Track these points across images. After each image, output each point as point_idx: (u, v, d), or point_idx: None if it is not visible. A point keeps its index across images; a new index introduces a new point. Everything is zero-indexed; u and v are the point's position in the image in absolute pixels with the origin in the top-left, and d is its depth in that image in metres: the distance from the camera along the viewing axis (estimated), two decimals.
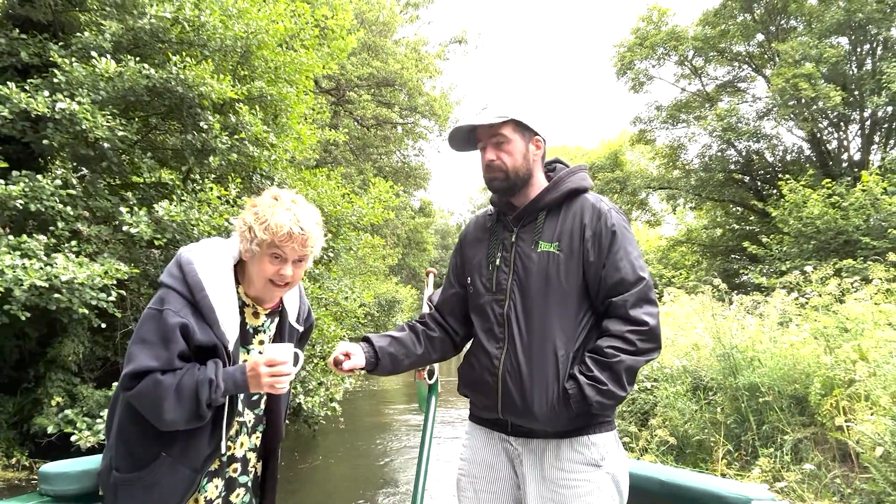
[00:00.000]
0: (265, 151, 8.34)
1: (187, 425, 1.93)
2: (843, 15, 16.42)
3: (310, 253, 2.10)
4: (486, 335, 2.15)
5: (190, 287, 1.97)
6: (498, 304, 2.12)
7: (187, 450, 1.97)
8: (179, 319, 1.92)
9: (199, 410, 1.90)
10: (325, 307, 9.57)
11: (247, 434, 2.16)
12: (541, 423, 2.02)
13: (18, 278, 5.93)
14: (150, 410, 1.90)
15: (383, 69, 22.43)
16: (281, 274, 2.03)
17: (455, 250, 2.42)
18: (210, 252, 2.07)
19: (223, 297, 2.01)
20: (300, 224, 2.01)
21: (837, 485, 5.07)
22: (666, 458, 6.76)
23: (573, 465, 2.02)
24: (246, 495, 2.20)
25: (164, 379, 1.88)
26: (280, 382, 1.96)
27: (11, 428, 7.59)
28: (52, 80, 6.95)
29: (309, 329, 2.42)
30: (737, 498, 2.07)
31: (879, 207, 12.47)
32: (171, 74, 7.16)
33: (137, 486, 1.96)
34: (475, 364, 2.17)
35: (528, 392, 2.01)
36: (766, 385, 6.21)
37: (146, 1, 7.32)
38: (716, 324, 7.20)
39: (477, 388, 2.17)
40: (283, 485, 6.64)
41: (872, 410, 4.84)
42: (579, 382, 1.95)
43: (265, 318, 2.18)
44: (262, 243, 2.01)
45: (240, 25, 7.87)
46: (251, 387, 1.96)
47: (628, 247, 2.07)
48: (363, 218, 9.96)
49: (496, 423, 2.17)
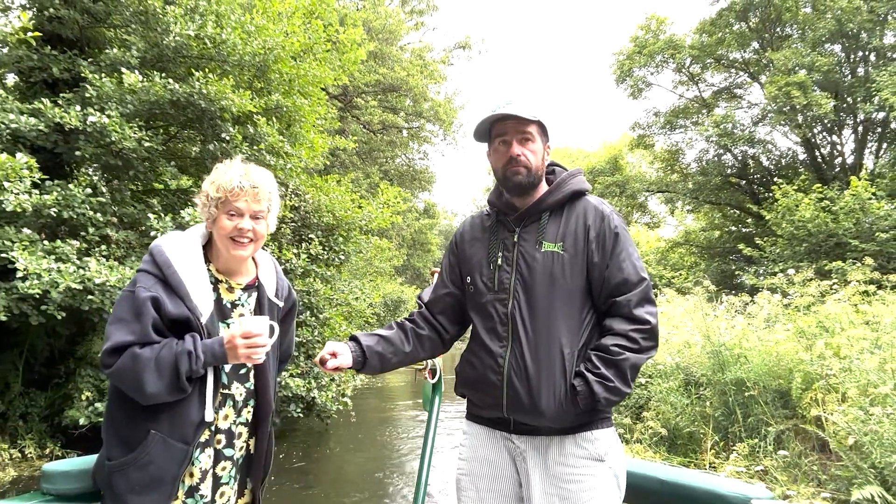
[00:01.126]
0: (280, 160, 8.71)
1: (170, 397, 1.95)
2: (835, 25, 16.71)
3: (265, 208, 2.15)
4: (488, 334, 2.13)
5: (159, 265, 2.04)
6: (501, 303, 2.12)
7: (175, 423, 1.99)
8: (150, 293, 1.97)
9: (179, 383, 1.92)
10: (336, 307, 9.94)
11: (233, 407, 2.15)
12: (547, 420, 2.02)
13: (54, 281, 6.29)
14: (132, 385, 1.92)
15: (389, 75, 22.81)
16: (239, 228, 2.08)
17: (449, 250, 2.40)
18: (177, 236, 2.15)
19: (192, 272, 2.06)
20: (250, 178, 2.09)
21: (815, 471, 5.42)
22: (658, 449, 7.11)
23: (577, 461, 2.04)
24: (232, 469, 2.18)
25: (141, 353, 1.91)
26: (256, 353, 1.99)
27: (43, 421, 7.97)
28: (84, 95, 7.32)
29: (292, 306, 2.45)
30: (736, 497, 2.07)
31: (868, 211, 12.76)
32: (193, 89, 7.53)
33: (132, 468, 1.97)
34: (476, 363, 2.16)
35: (535, 390, 2.01)
36: (751, 380, 6.55)
37: (171, 19, 7.70)
38: (705, 323, 7.54)
39: (479, 386, 2.16)
40: (298, 473, 7.00)
41: (842, 402, 5.19)
42: (587, 379, 1.97)
43: (241, 293, 2.22)
44: (216, 203, 2.09)
45: (258, 41, 8.24)
46: (229, 358, 1.99)
47: (629, 248, 2.11)
48: (372, 222, 10.34)
49: (498, 422, 2.16)
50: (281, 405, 8.81)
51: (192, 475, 2.06)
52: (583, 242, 2.08)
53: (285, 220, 9.33)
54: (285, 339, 2.42)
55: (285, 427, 9.79)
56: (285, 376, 8.47)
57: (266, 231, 2.17)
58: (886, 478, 4.49)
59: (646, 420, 7.41)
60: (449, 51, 29.82)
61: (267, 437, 2.27)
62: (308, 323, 9.27)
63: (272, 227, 2.23)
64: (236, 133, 7.98)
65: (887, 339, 5.42)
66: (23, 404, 7.92)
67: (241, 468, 2.22)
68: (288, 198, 9.52)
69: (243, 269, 2.24)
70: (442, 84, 28.02)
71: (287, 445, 9.14)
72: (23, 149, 7.00)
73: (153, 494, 1.97)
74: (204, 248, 2.18)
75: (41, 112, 7.03)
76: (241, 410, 2.18)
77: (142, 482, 1.96)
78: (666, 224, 31.46)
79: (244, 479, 2.26)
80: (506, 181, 2.15)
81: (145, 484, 1.97)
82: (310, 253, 9.36)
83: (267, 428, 2.25)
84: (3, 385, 7.89)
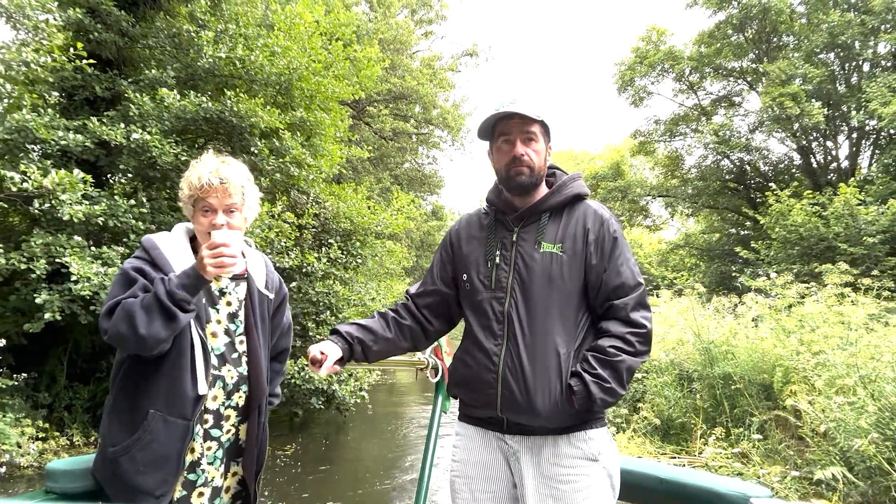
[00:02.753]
0: (303, 171, 9.24)
1: (166, 332, 1.94)
2: (828, 38, 17.13)
3: (238, 201, 2.15)
4: (483, 332, 2.10)
5: (146, 249, 2.12)
6: (497, 301, 2.09)
7: (172, 399, 2.02)
8: (134, 265, 2.07)
9: (168, 312, 1.93)
10: (353, 307, 10.46)
11: (222, 389, 2.16)
12: (542, 420, 2.00)
13: (102, 283, 6.83)
14: (128, 334, 1.92)
15: (400, 84, 23.35)
16: (213, 224, 2.09)
17: (442, 247, 2.36)
18: (164, 232, 2.23)
19: (177, 254, 2.13)
20: (219, 174, 2.09)
21: (792, 456, 5.90)
22: (653, 438, 7.60)
23: (571, 461, 2.02)
24: (218, 450, 2.18)
25: (127, 300, 1.96)
26: (223, 263, 1.97)
27: (86, 412, 8.52)
28: (127, 113, 7.86)
29: (283, 299, 2.48)
30: (735, 495, 2.06)
31: (856, 216, 13.17)
32: (225, 107, 8.07)
33: (135, 450, 1.99)
34: (470, 361, 2.12)
35: (531, 389, 1.98)
36: (737, 374, 7.04)
37: (204, 42, 8.24)
38: (696, 322, 8.03)
39: (473, 385, 2.12)
40: (320, 460, 7.53)
41: (811, 393, 5.68)
42: (584, 380, 1.95)
43: (228, 282, 2.24)
44: (191, 200, 2.13)
45: (283, 62, 8.78)
46: (201, 272, 1.98)
47: (627, 253, 2.11)
48: (387, 227, 10.87)
49: (491, 422, 2.12)
50: (303, 398, 9.36)
51: (193, 450, 2.10)
52: (582, 245, 2.08)
53: (307, 227, 9.86)
54: (278, 330, 2.45)
55: (307, 418, 10.35)
56: (308, 371, 9.00)
57: (242, 223, 2.19)
58: (850, 459, 4.97)
59: (642, 411, 7.89)
60: (457, 58, 30.39)
61: (259, 427, 2.25)
62: (328, 322, 9.79)
63: (251, 218, 2.25)
64: (263, 147, 8.51)
65: (855, 336, 5.90)
66: (67, 396, 8.45)
67: (227, 451, 2.21)
68: (309, 205, 10.04)
69: None
70: (450, 92, 28.61)
71: (310, 434, 9.72)
72: (72, 163, 7.56)
73: (160, 472, 2.01)
74: (193, 241, 2.24)
75: (87, 129, 7.58)
76: (232, 394, 2.18)
77: (147, 461, 1.99)
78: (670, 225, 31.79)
79: (229, 464, 2.24)
80: (508, 181, 2.13)
81: (151, 462, 2.00)
82: (329, 257, 9.89)
83: (260, 416, 2.25)
84: (50, 379, 8.43)
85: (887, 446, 4.70)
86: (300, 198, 10.00)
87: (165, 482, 2.01)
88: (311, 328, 9.62)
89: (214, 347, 2.14)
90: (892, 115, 14.04)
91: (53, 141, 7.23)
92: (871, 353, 5.69)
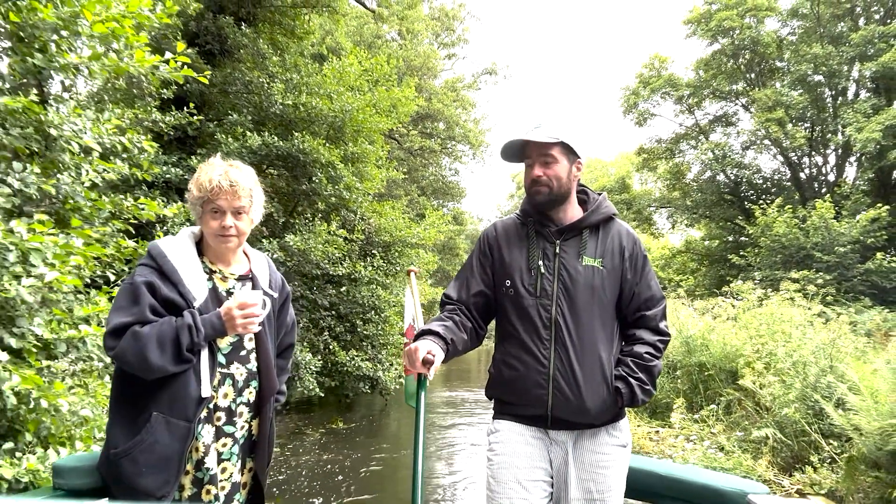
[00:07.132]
0: (353, 194, 10.64)
1: (175, 368, 1.92)
2: (812, 68, 18.24)
3: (246, 204, 2.10)
4: (530, 336, 2.14)
5: (154, 257, 2.03)
6: (544, 308, 2.13)
7: (175, 403, 1.96)
8: (145, 279, 1.97)
9: (182, 355, 1.91)
10: (393, 307, 11.83)
11: (232, 386, 2.11)
12: (591, 418, 2.10)
13: None
14: (136, 362, 1.89)
15: (427, 107, 24.74)
16: (223, 226, 2.06)
17: (479, 251, 2.34)
18: (170, 237, 2.15)
19: (184, 261, 2.06)
20: (228, 177, 2.05)
21: (747, 425, 7.15)
22: (642, 415, 8.89)
23: (609, 448, 2.14)
24: (234, 446, 2.14)
25: (141, 330, 1.89)
26: (251, 323, 2.01)
27: None
28: (216, 150, 9.26)
29: (287, 298, 2.41)
30: (733, 492, 2.07)
31: (830, 228, 14.29)
32: (293, 145, 9.49)
33: (138, 451, 1.93)
34: (517, 365, 2.15)
35: (583, 391, 2.07)
36: (710, 363, 8.30)
37: (275, 92, 9.68)
38: (678, 320, 9.30)
39: (521, 387, 2.15)
40: (366, 436, 9.03)
41: (755, 375, 6.94)
42: (630, 383, 2.10)
43: (235, 282, 2.19)
44: (200, 201, 2.07)
45: (337, 105, 10.21)
46: (227, 328, 1.99)
47: (652, 270, 2.27)
48: (421, 240, 12.26)
49: (536, 419, 2.16)
50: (353, 383, 10.76)
51: (198, 449, 2.05)
52: (619, 260, 2.18)
53: (355, 240, 11.24)
54: (283, 328, 2.40)
55: (354, 400, 11.79)
56: (358, 360, 10.39)
57: (249, 225, 2.17)
58: (781, 423, 6.22)
59: None
60: (477, 76, 31.76)
61: (268, 422, 2.22)
62: (373, 320, 11.17)
63: (256, 220, 2.22)
64: (322, 177, 9.92)
65: (792, 331, 7.16)
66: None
67: (242, 447, 2.17)
68: (357, 223, 11.43)
69: (234, 259, 2.22)
70: (471, 111, 29.96)
71: (357, 413, 11.18)
72: (173, 192, 9.01)
73: (162, 474, 1.96)
74: (199, 244, 2.18)
75: (184, 164, 9.01)
76: (243, 391, 2.14)
77: (149, 463, 1.93)
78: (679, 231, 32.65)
79: (245, 459, 2.20)
80: (530, 199, 2.21)
81: (153, 464, 1.94)
82: (373, 265, 11.26)
83: (269, 411, 2.21)
84: None
85: (808, 414, 5.96)
86: (349, 216, 11.38)
87: (167, 483, 1.97)
88: (359, 325, 11.00)
89: (222, 347, 2.10)
90: (864, 141, 15.10)
91: (160, 175, 8.66)
92: (799, 345, 6.91)
